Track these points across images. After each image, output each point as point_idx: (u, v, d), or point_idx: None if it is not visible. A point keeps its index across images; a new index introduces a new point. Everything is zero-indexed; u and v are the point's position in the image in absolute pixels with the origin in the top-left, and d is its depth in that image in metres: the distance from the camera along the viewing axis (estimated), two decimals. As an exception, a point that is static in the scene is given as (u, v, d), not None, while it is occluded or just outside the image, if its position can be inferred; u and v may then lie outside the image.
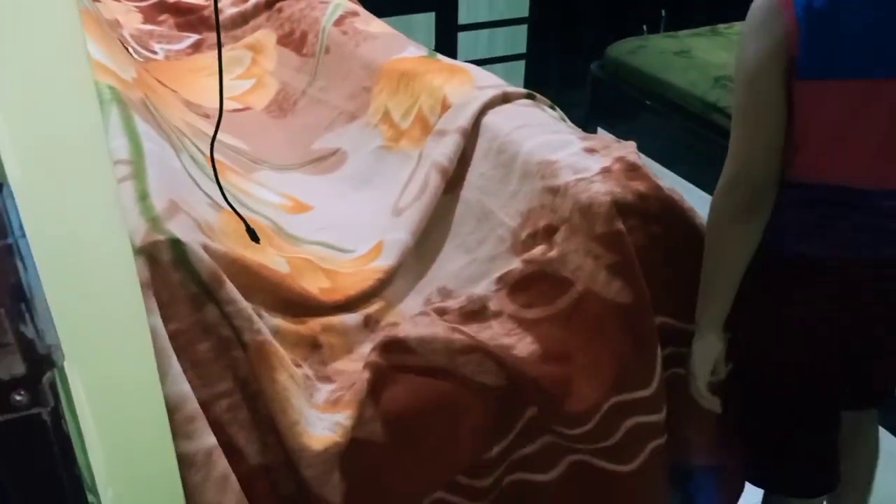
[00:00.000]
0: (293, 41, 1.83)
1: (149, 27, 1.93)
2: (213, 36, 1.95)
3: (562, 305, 1.08)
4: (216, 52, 1.09)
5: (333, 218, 1.37)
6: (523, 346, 1.05)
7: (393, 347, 1.00)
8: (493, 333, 1.06)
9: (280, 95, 1.74)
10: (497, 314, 1.10)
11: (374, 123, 1.51)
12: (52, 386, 0.37)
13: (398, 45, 1.61)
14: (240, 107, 1.72)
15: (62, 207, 0.38)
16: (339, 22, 1.75)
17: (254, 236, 1.10)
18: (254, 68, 1.84)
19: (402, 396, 0.99)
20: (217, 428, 0.87)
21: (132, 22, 1.92)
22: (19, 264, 0.34)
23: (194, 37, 1.93)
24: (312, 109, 1.67)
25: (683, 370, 1.15)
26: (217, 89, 1.09)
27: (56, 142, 0.37)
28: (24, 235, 0.34)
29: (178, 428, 0.80)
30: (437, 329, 1.02)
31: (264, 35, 1.89)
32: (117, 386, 0.45)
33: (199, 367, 0.88)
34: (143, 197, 0.91)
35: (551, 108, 1.42)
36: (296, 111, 1.69)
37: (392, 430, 0.97)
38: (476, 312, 1.10)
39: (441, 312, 1.10)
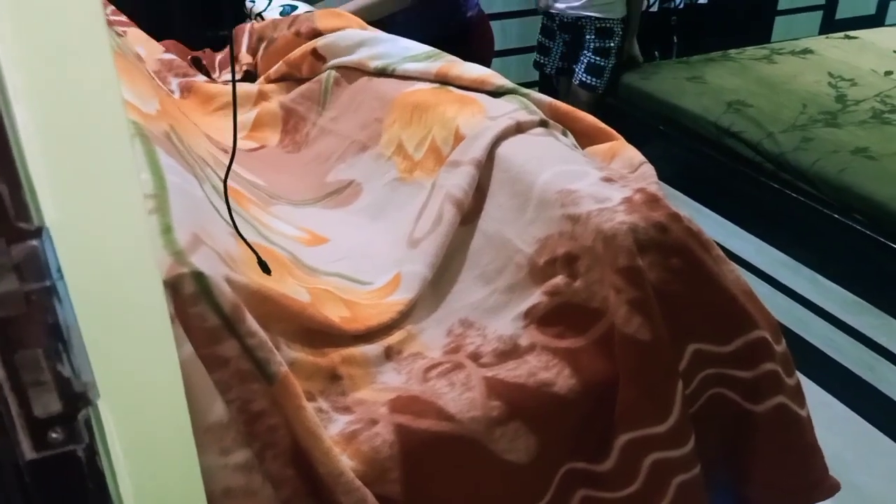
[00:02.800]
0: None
1: (168, 57, 1.97)
2: (227, 71, 1.99)
3: (596, 335, 1.09)
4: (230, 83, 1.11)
5: (350, 249, 1.38)
6: (563, 380, 1.06)
7: (429, 411, 1.01)
8: (531, 368, 1.07)
9: (290, 125, 1.77)
10: (531, 348, 1.10)
11: (388, 155, 1.52)
12: (87, 423, 0.38)
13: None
14: (255, 146, 1.74)
15: (97, 247, 0.39)
16: None
17: (265, 268, 1.11)
18: (260, 100, 1.87)
19: (431, 467, 0.99)
20: None
21: (154, 54, 1.96)
22: (57, 305, 0.35)
23: (206, 79, 1.98)
24: (324, 140, 1.69)
25: (727, 390, 1.14)
26: (231, 128, 1.11)
27: (93, 182, 0.39)
28: (61, 278, 0.35)
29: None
30: (474, 394, 1.03)
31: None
32: (146, 418, 0.46)
33: None
34: (167, 231, 0.92)
35: (564, 134, 1.43)
36: (308, 143, 1.71)
37: (412, 494, 0.97)
38: (510, 352, 1.10)
39: (475, 357, 1.11)
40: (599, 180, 1.20)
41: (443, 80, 1.56)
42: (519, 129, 1.36)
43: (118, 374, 0.42)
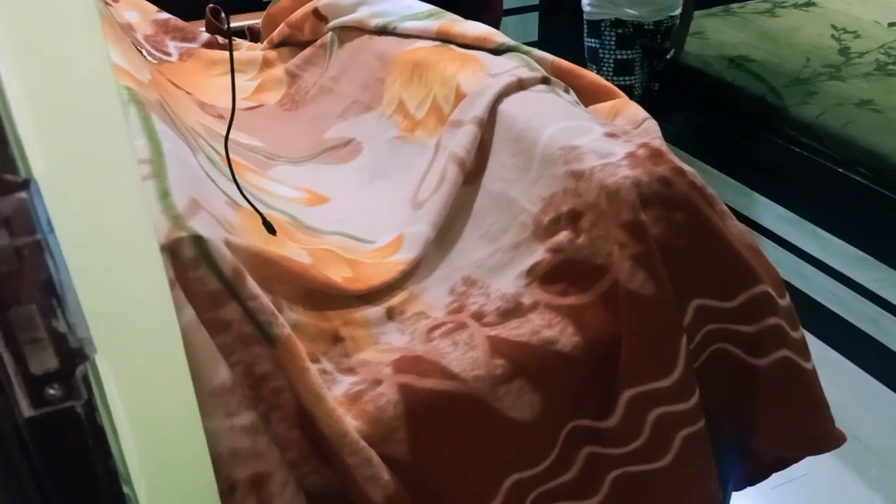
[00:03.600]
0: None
1: (163, 17, 1.94)
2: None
3: (599, 292, 1.08)
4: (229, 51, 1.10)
5: (351, 209, 1.37)
6: (566, 338, 1.06)
7: (433, 371, 1.00)
8: (535, 326, 1.07)
9: (292, 89, 1.75)
10: (534, 306, 1.10)
11: (389, 114, 1.51)
12: (85, 379, 0.38)
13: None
14: (253, 104, 1.73)
15: (88, 202, 0.39)
16: None
17: (270, 228, 1.10)
18: (265, 67, 1.85)
19: (436, 426, 0.99)
20: None
21: (149, 16, 1.93)
22: (49, 260, 0.35)
23: (207, 35, 1.94)
24: (324, 99, 1.68)
25: (731, 345, 1.15)
26: (230, 88, 1.09)
27: (80, 138, 0.38)
28: (52, 231, 0.35)
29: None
30: (478, 353, 1.02)
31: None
32: (147, 377, 0.45)
33: None
34: (165, 195, 0.92)
35: (566, 91, 1.41)
36: (307, 101, 1.69)
37: (418, 454, 0.97)
38: (513, 310, 1.10)
39: (478, 317, 1.10)
40: (603, 135, 1.19)
41: (444, 38, 1.54)
42: (521, 85, 1.34)
43: (116, 330, 0.41)
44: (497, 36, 1.50)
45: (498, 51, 1.47)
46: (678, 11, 2.42)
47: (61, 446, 0.39)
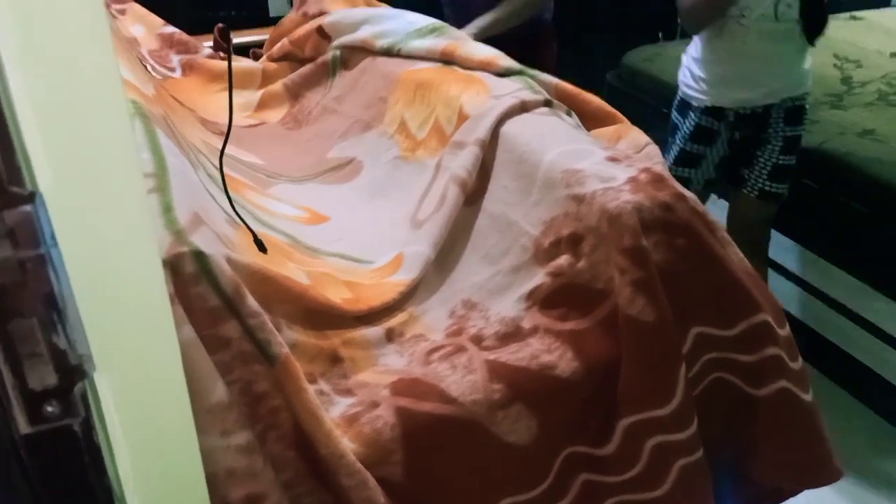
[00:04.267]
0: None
1: (169, 31, 1.95)
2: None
3: (599, 317, 1.08)
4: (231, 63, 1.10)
5: (351, 228, 1.37)
6: (565, 363, 1.05)
7: (431, 394, 1.00)
8: (534, 351, 1.06)
9: (295, 108, 1.75)
10: (533, 330, 1.09)
11: (391, 133, 1.51)
12: (83, 396, 0.37)
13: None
14: (255, 122, 1.73)
15: (93, 216, 0.39)
16: None
17: (261, 247, 1.10)
18: (265, 82, 1.85)
19: (432, 450, 0.98)
20: None
21: (154, 29, 1.94)
22: (52, 274, 0.35)
23: (211, 49, 1.95)
24: (326, 119, 1.68)
25: (730, 375, 1.14)
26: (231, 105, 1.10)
27: (88, 150, 0.38)
28: (56, 245, 0.35)
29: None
30: (476, 377, 1.02)
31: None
32: (145, 394, 0.45)
33: None
34: (168, 210, 0.91)
35: (568, 114, 1.41)
36: (310, 121, 1.69)
37: (414, 476, 0.96)
38: (512, 334, 1.10)
39: (478, 340, 1.10)
40: (604, 160, 1.19)
41: (448, 60, 1.54)
42: (523, 108, 1.34)
43: (115, 346, 0.41)
44: (502, 59, 1.51)
45: (503, 74, 1.48)
46: (802, 91, 2.01)
47: (58, 464, 0.38)
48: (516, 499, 1.04)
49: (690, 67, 1.99)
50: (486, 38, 1.79)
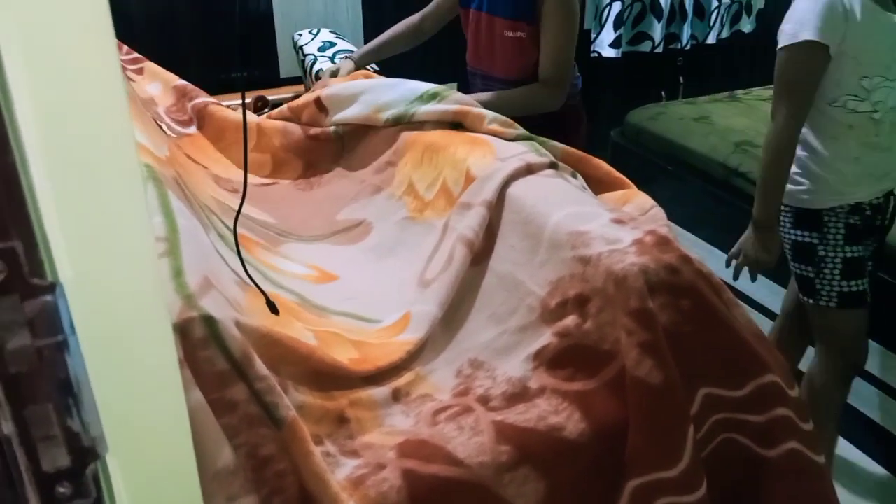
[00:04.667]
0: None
1: (182, 83, 1.98)
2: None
3: (606, 378, 1.08)
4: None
5: (359, 288, 1.38)
6: (573, 425, 1.05)
7: (438, 456, 1.00)
8: (541, 412, 1.06)
9: (308, 172, 1.77)
10: (540, 391, 1.09)
11: (399, 195, 1.53)
12: (95, 477, 0.38)
13: None
14: (268, 182, 1.75)
15: (110, 303, 0.40)
16: None
17: (273, 309, 1.11)
18: (261, 137, 1.85)
19: None
20: None
21: (169, 84, 1.97)
22: (68, 360, 0.35)
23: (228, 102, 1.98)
24: (339, 182, 1.70)
25: (739, 436, 1.13)
26: (245, 162, 1.12)
27: (105, 239, 0.39)
28: (73, 333, 0.36)
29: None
30: (483, 439, 1.02)
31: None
32: (155, 475, 0.45)
33: None
34: (178, 274, 0.93)
35: (573, 176, 1.43)
36: (321, 184, 1.72)
37: None
38: (519, 395, 1.10)
39: (484, 401, 1.10)
40: (610, 221, 1.20)
41: (460, 122, 1.57)
42: (529, 170, 1.37)
43: (127, 427, 0.41)
44: (510, 127, 1.54)
45: (511, 140, 1.50)
46: None
47: (67, 545, 0.38)
48: None
49: (816, 173, 1.78)
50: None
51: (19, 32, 0.36)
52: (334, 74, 2.01)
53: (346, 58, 2.10)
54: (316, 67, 2.19)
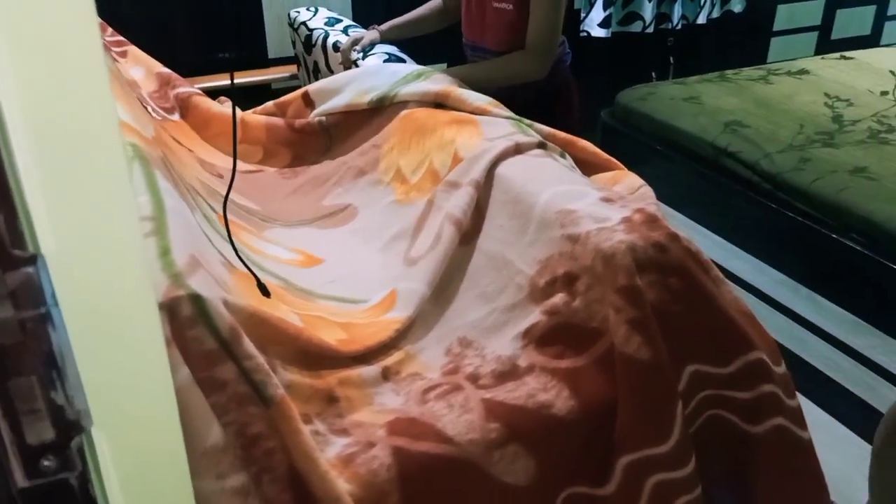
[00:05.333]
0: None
1: (167, 71, 1.97)
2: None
3: (595, 355, 1.09)
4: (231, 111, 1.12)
5: (345, 269, 1.38)
6: (562, 402, 1.05)
7: (428, 434, 1.00)
8: (530, 389, 1.07)
9: (295, 163, 1.76)
10: (529, 369, 1.10)
11: (387, 181, 1.53)
12: (80, 451, 0.38)
13: None
14: (253, 169, 1.74)
15: (92, 274, 0.39)
16: None
17: (265, 291, 1.11)
18: (244, 129, 1.83)
19: (429, 490, 0.98)
20: None
21: (152, 70, 1.95)
22: (51, 332, 0.35)
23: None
24: (322, 168, 1.69)
25: (726, 412, 1.14)
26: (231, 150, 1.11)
27: (88, 211, 0.39)
28: (56, 304, 0.35)
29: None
30: (473, 416, 1.02)
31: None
32: (142, 447, 0.45)
33: None
34: (165, 253, 0.92)
35: (562, 156, 1.43)
36: (307, 173, 1.70)
37: None
38: (509, 373, 1.10)
39: (474, 379, 1.10)
40: (599, 200, 1.20)
41: (442, 104, 1.56)
42: (517, 150, 1.36)
43: (113, 401, 0.41)
44: (496, 108, 1.53)
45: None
46: None
47: (54, 518, 0.38)
48: None
49: None
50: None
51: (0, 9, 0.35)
52: (356, 43, 1.98)
53: (373, 28, 2.07)
54: (331, 40, 2.16)
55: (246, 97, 2.18)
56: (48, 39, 0.38)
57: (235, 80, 1.98)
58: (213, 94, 1.89)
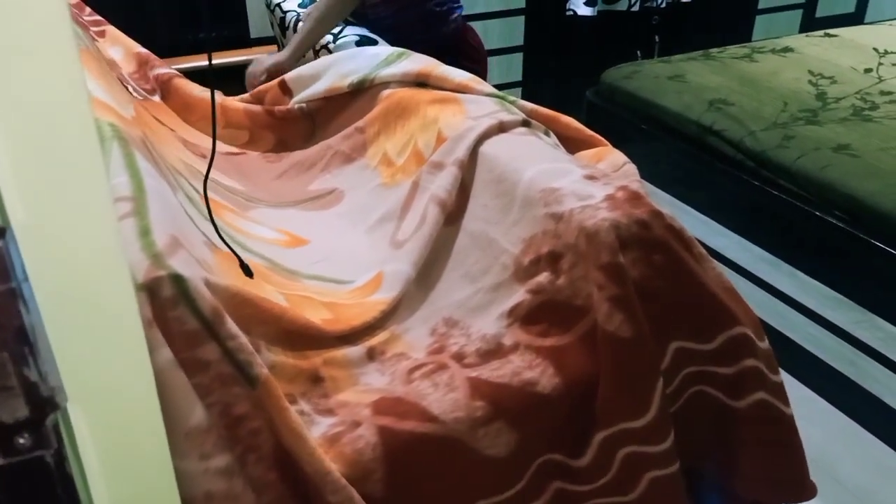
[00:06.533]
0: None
1: (145, 51, 1.94)
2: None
3: (579, 333, 1.09)
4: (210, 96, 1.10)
5: (330, 250, 1.37)
6: (546, 379, 1.06)
7: (413, 413, 1.00)
8: (515, 367, 1.07)
9: (279, 147, 1.74)
10: (514, 347, 1.10)
11: (374, 166, 1.52)
12: (56, 428, 0.37)
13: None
14: (235, 151, 1.72)
15: (64, 249, 0.39)
16: None
17: (247, 271, 1.10)
18: (225, 114, 1.81)
19: (414, 468, 0.99)
20: None
21: (130, 50, 1.93)
22: (22, 308, 0.35)
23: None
24: (306, 153, 1.67)
25: (709, 388, 1.15)
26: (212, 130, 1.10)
27: (58, 184, 0.38)
28: (26, 279, 0.35)
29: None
30: (458, 395, 1.03)
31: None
32: (120, 423, 0.45)
33: None
34: (145, 233, 0.91)
35: (546, 134, 1.43)
36: (292, 157, 1.69)
37: (394, 493, 0.97)
38: (494, 351, 1.10)
39: (459, 358, 1.10)
40: (582, 178, 1.20)
41: (424, 82, 1.55)
42: (501, 128, 1.36)
43: (89, 378, 0.41)
44: (478, 84, 1.52)
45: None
46: None
47: (30, 495, 0.38)
48: (489, 500, 1.04)
49: None
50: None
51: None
52: (267, 73, 1.99)
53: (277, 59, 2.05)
54: (301, 26, 2.15)
55: (227, 78, 2.15)
56: (14, 4, 0.37)
57: (216, 61, 1.95)
58: (192, 75, 1.86)
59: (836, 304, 2.22)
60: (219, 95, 1.82)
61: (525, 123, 1.40)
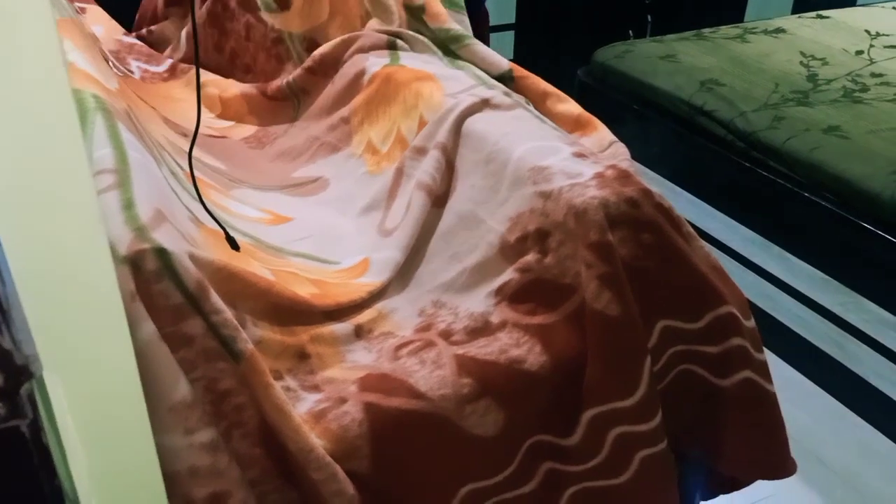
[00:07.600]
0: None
1: (129, 40, 1.91)
2: (190, 61, 1.90)
3: (567, 311, 1.09)
4: (192, 80, 1.09)
5: (314, 229, 1.36)
6: (534, 357, 1.06)
7: (399, 389, 1.00)
8: (502, 345, 1.07)
9: (260, 132, 1.72)
10: (502, 325, 1.10)
11: (359, 154, 1.51)
12: (31, 397, 0.37)
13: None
14: (217, 135, 1.70)
15: (39, 216, 0.38)
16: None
17: (234, 245, 1.09)
18: (224, 108, 1.79)
19: (400, 445, 0.99)
20: None
21: (113, 33, 1.90)
22: (-6, 274, 0.34)
23: (171, 60, 1.90)
24: (290, 140, 1.66)
25: (696, 367, 1.16)
26: (196, 111, 1.09)
27: (33, 150, 0.37)
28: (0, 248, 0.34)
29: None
30: (445, 372, 1.02)
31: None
32: (100, 395, 0.44)
33: None
34: (129, 206, 0.90)
35: (527, 103, 1.42)
36: (273, 143, 1.67)
37: (380, 470, 0.97)
38: (481, 329, 1.10)
39: (446, 335, 1.10)
40: (571, 156, 1.19)
41: (399, 35, 1.55)
42: (485, 104, 1.34)
43: (67, 347, 0.40)
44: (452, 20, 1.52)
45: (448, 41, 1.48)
46: None
47: (5, 466, 0.37)
48: (479, 485, 1.05)
49: None
50: None
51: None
52: None
53: None
54: None
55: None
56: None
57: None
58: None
59: (824, 286, 2.23)
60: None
61: (506, 94, 1.38)
